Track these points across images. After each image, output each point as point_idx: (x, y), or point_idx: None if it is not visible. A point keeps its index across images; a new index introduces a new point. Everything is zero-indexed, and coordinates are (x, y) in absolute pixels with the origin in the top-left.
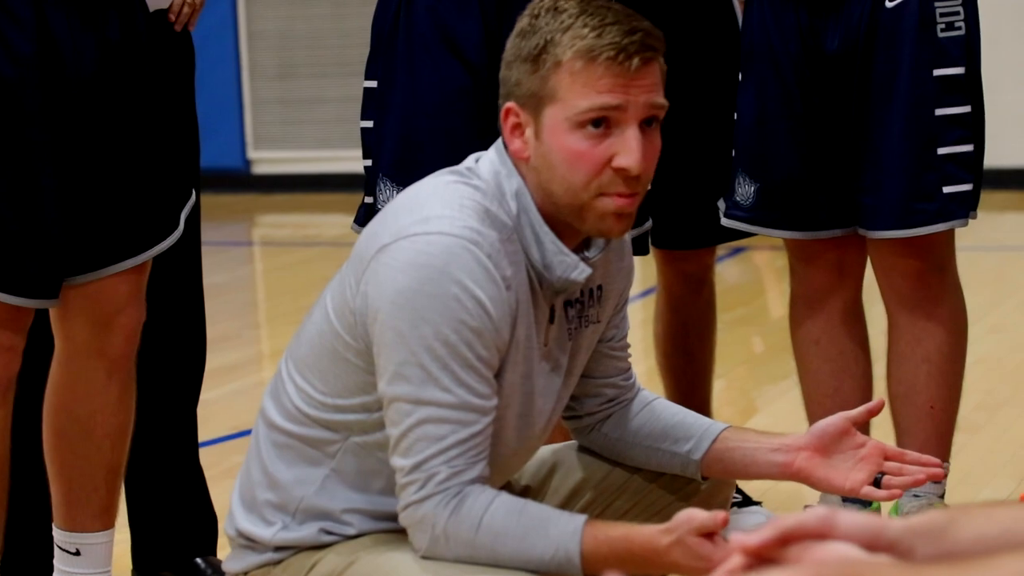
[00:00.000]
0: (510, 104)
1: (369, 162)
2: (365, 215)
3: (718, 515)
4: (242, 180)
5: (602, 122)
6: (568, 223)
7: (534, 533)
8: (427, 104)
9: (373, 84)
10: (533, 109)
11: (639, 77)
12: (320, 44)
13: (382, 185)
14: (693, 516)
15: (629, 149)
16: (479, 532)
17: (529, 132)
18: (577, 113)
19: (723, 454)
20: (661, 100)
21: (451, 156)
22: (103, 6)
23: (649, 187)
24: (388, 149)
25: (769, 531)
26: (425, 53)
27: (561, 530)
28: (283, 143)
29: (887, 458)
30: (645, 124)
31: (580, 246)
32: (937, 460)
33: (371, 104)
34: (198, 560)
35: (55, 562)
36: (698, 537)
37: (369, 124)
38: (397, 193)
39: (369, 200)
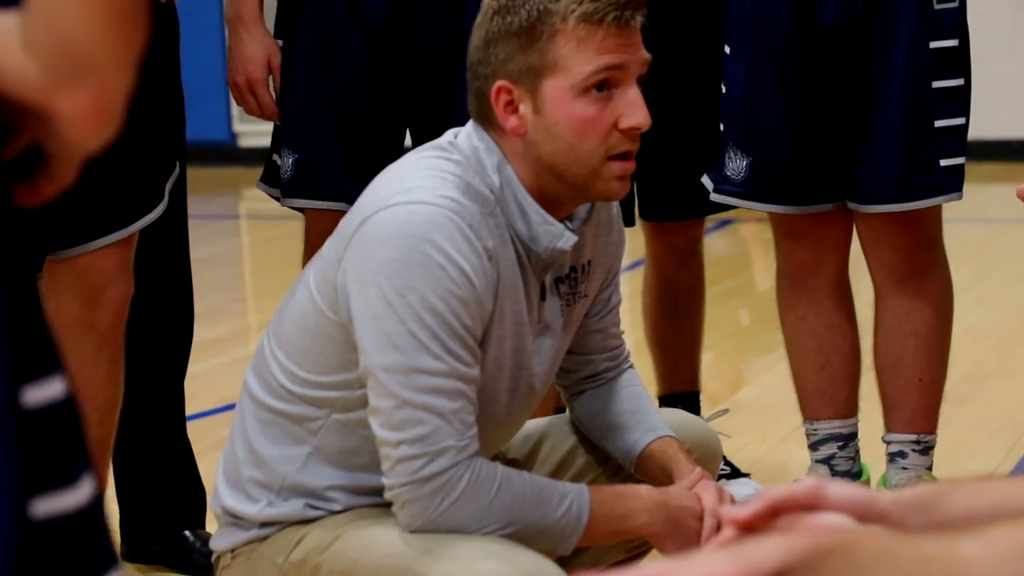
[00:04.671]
0: (501, 82)
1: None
2: (270, 173)
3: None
4: (228, 153)
5: (604, 85)
6: (565, 194)
7: (548, 490)
8: (326, 72)
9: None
10: (529, 84)
11: (635, 35)
12: None
13: (285, 151)
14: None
15: (635, 107)
16: (498, 494)
17: (524, 108)
18: (583, 79)
19: (647, 461)
20: (648, 56)
21: (349, 127)
22: None
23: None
24: (288, 114)
25: (759, 503)
26: (327, 18)
27: (570, 487)
28: None
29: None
30: (637, 81)
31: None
32: None
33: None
34: (187, 533)
35: None
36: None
37: None
38: (293, 161)
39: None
